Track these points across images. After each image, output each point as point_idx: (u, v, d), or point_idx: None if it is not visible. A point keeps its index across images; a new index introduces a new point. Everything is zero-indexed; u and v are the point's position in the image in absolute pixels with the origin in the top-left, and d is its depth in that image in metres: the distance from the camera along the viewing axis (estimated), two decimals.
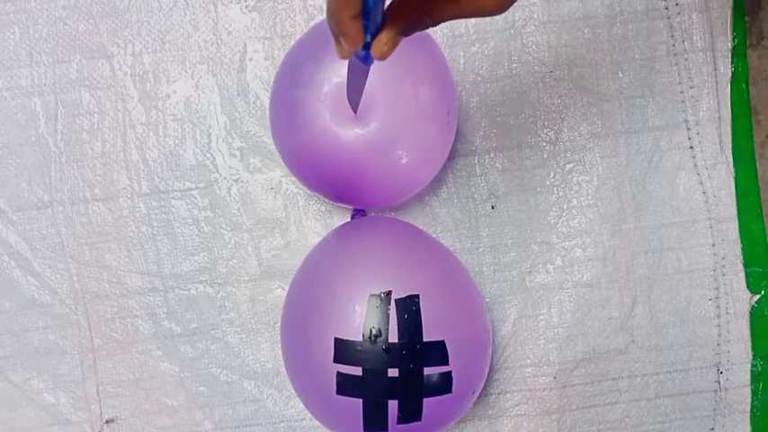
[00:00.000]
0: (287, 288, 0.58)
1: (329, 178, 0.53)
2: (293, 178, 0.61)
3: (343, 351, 0.47)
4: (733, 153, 0.63)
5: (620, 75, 0.63)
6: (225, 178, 0.62)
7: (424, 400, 0.48)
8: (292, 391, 0.56)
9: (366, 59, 0.35)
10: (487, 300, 0.62)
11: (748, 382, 0.63)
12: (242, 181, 0.62)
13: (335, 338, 0.47)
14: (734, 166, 0.63)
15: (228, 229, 0.62)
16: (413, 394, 0.48)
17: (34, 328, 0.62)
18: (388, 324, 0.47)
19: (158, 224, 0.62)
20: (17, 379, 0.62)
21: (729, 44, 0.63)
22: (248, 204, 0.62)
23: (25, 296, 0.62)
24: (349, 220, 0.60)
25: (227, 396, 0.62)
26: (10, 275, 0.62)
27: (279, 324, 0.59)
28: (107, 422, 0.62)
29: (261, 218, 0.62)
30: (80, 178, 0.62)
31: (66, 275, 0.62)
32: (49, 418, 0.62)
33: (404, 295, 0.48)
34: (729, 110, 0.63)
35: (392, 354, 0.47)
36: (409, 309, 0.48)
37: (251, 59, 0.62)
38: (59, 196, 0.62)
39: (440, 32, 0.62)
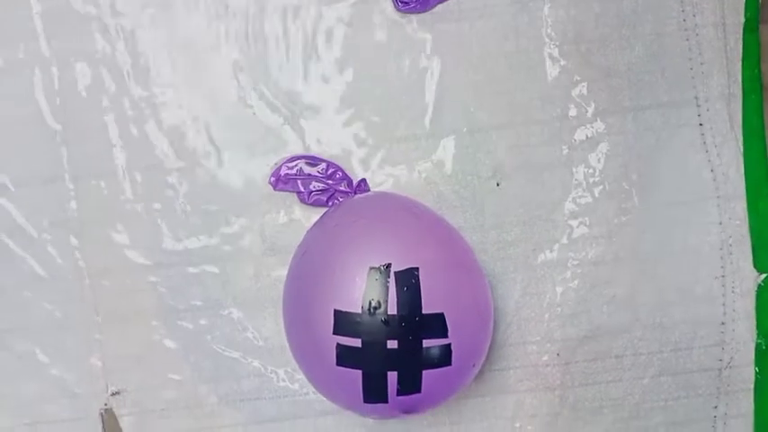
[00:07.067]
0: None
1: None
2: None
3: (343, 323, 0.48)
4: (743, 131, 0.62)
5: (629, 50, 0.61)
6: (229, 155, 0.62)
7: (424, 372, 0.48)
8: (296, 365, 0.56)
9: None
10: (491, 278, 0.62)
11: (752, 361, 0.63)
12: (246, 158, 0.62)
13: (335, 310, 0.48)
14: (743, 143, 0.62)
15: (232, 205, 0.62)
16: (412, 366, 0.48)
17: (39, 303, 0.62)
18: (387, 296, 0.47)
19: (162, 200, 0.62)
20: (22, 351, 0.62)
21: (741, 19, 0.61)
22: (252, 181, 0.62)
23: (29, 272, 0.62)
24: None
25: (232, 371, 0.63)
26: (14, 251, 0.62)
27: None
28: (113, 395, 0.63)
29: (264, 194, 0.62)
30: (82, 154, 0.61)
31: (69, 251, 0.62)
32: (55, 391, 0.62)
33: (403, 268, 0.48)
34: (740, 86, 0.62)
35: (391, 325, 0.47)
36: (408, 281, 0.48)
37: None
38: (62, 172, 0.61)
39: (445, 8, 0.61)
